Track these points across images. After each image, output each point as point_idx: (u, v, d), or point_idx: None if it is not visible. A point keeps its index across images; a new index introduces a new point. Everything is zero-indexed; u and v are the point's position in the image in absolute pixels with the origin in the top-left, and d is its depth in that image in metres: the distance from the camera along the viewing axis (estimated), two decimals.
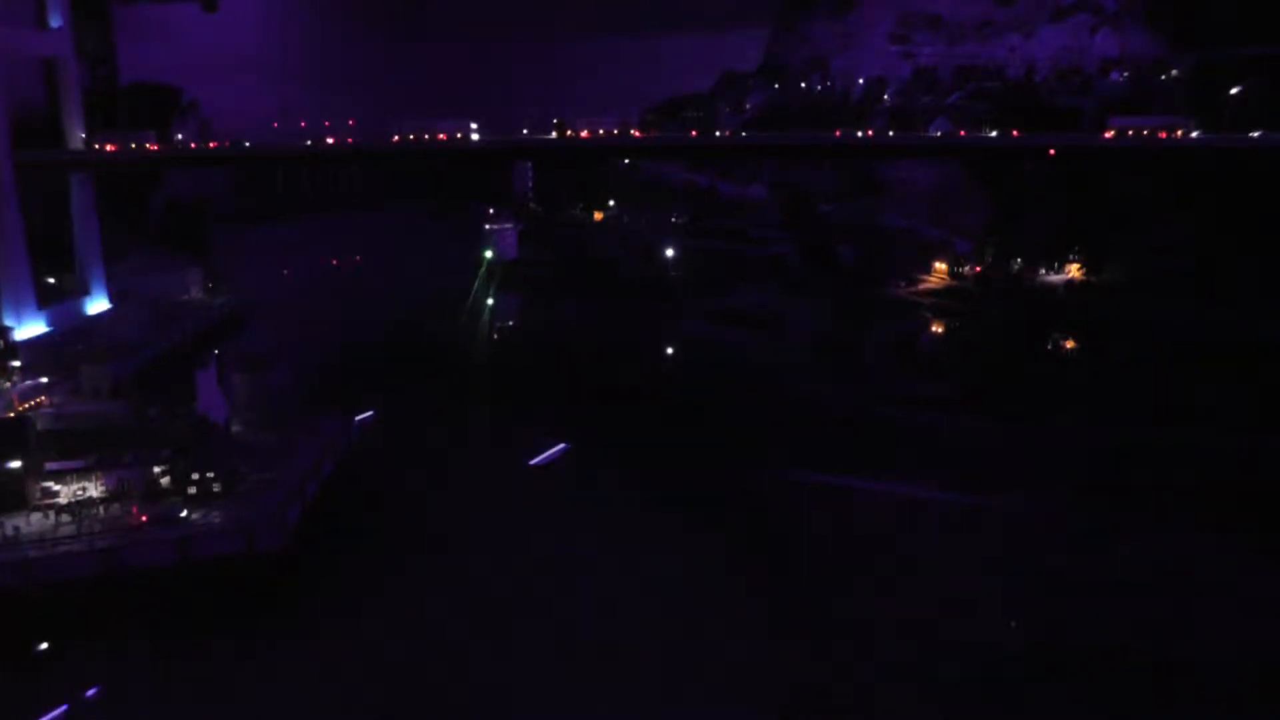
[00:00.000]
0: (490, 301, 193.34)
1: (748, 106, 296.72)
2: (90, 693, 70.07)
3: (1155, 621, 78.67)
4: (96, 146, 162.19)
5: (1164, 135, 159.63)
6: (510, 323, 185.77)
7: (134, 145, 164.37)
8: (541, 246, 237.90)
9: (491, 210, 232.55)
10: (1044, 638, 77.26)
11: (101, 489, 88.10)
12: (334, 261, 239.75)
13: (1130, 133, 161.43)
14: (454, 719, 69.73)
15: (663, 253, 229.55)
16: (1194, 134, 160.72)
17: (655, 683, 72.46)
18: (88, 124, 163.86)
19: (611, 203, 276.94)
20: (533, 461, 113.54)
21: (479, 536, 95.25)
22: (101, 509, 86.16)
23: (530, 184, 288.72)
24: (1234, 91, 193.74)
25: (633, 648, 76.32)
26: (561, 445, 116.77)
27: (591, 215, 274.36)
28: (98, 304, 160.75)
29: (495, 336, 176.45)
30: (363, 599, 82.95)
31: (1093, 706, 69.56)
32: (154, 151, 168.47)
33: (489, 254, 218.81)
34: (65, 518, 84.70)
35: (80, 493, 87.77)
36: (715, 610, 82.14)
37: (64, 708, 68.70)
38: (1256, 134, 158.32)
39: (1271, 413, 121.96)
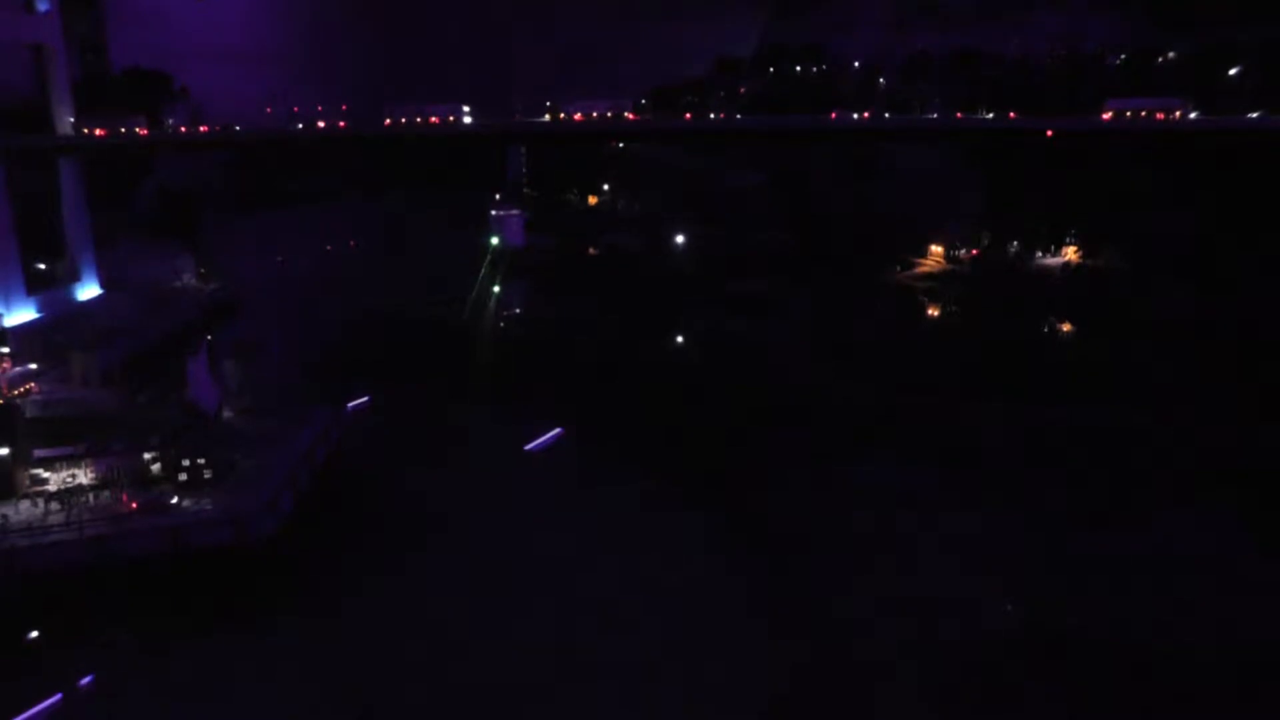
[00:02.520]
0: (497, 289, 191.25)
1: (743, 91, 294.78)
2: (84, 681, 69.45)
3: (1154, 610, 78.24)
4: (86, 131, 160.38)
5: (1161, 116, 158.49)
6: (517, 310, 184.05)
7: (123, 130, 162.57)
8: (545, 233, 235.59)
9: (497, 196, 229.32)
10: (1043, 624, 76.79)
11: (91, 476, 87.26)
12: (328, 248, 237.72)
13: (1128, 114, 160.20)
14: (448, 706, 69.16)
15: (671, 239, 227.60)
16: (1192, 115, 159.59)
17: (650, 677, 71.92)
18: (77, 110, 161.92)
19: (606, 187, 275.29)
20: (528, 447, 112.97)
21: (471, 522, 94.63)
22: (91, 496, 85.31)
23: (524, 169, 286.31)
24: (1232, 73, 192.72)
25: (628, 641, 75.76)
26: (557, 430, 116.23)
27: (586, 200, 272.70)
28: (88, 290, 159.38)
29: (501, 324, 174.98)
30: (356, 587, 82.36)
31: (1092, 697, 69.08)
32: (144, 136, 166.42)
33: (495, 241, 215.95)
34: (54, 505, 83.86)
35: (69, 480, 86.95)
36: (711, 599, 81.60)
37: (58, 697, 68.10)
38: (1255, 115, 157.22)
39: (1270, 400, 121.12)
